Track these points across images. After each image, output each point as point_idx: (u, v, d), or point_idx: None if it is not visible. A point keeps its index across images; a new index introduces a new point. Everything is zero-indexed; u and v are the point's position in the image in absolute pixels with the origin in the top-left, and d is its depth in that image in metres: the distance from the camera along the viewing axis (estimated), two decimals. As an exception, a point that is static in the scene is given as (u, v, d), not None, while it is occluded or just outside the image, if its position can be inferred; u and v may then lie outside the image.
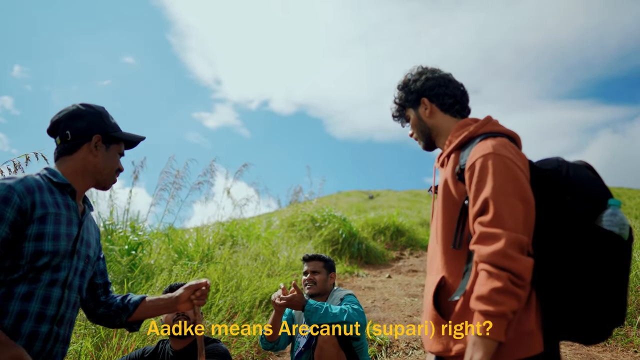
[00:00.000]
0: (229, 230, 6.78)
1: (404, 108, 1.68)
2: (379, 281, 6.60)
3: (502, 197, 1.27)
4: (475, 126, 1.48)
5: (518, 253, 1.21)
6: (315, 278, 2.98)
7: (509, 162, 1.31)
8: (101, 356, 3.04)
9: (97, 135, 1.59)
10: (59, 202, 1.50)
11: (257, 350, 3.87)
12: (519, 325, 1.25)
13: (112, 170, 1.64)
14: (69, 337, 1.55)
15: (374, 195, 21.84)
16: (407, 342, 3.93)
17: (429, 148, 1.66)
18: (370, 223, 9.34)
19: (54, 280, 1.44)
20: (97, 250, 1.69)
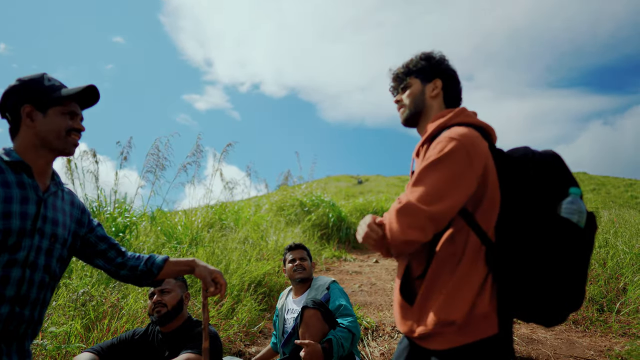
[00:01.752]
0: (218, 213, 6.79)
1: (410, 74, 1.68)
2: (366, 266, 6.69)
3: (430, 175, 1.37)
4: (447, 117, 1.53)
5: (406, 221, 1.34)
6: (304, 264, 3.18)
7: (457, 147, 1.37)
8: (91, 337, 3.06)
9: (26, 105, 1.53)
10: (10, 181, 1.47)
11: (245, 333, 3.93)
12: (473, 308, 1.32)
13: (61, 133, 1.56)
14: (39, 317, 1.53)
15: (363, 180, 21.93)
16: (393, 325, 4.01)
17: (409, 122, 1.68)
18: (358, 208, 9.42)
19: (12, 260, 1.42)
20: (71, 226, 1.66)
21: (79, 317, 3.19)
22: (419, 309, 1.42)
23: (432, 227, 1.35)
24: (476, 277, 1.35)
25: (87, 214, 1.75)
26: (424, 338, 1.41)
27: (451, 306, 1.33)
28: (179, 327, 2.49)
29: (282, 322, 3.12)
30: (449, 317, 1.32)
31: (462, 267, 1.36)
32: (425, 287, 1.42)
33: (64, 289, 3.47)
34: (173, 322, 2.48)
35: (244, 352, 3.67)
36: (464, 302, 1.32)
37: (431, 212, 1.33)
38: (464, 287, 1.34)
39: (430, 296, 1.40)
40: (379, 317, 4.26)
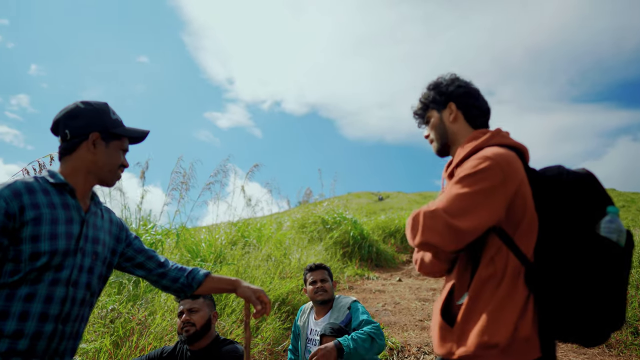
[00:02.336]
0: (241, 230, 6.84)
1: (427, 108, 1.71)
2: (390, 284, 6.62)
3: (462, 189, 1.37)
4: (483, 138, 1.53)
5: (429, 223, 1.36)
6: (325, 286, 3.14)
7: (492, 165, 1.37)
8: (119, 354, 3.11)
9: (95, 132, 1.58)
10: (55, 202, 1.51)
11: (270, 352, 3.92)
12: (516, 330, 1.30)
13: (114, 167, 1.63)
14: (78, 332, 1.57)
15: (384, 197, 21.82)
16: (419, 346, 3.95)
17: (442, 153, 1.69)
18: (380, 226, 9.36)
19: (56, 279, 1.46)
20: (111, 244, 1.71)
21: (108, 334, 3.24)
22: (460, 331, 1.40)
23: (452, 238, 1.34)
24: (518, 299, 1.33)
25: (124, 230, 1.80)
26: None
27: (493, 328, 1.31)
28: (207, 346, 2.50)
29: (304, 342, 3.11)
30: (492, 340, 1.30)
31: (503, 289, 1.35)
32: (466, 309, 1.41)
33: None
34: (201, 340, 2.50)
35: (269, 372, 3.66)
36: (506, 325, 1.30)
37: (453, 224, 1.33)
38: (506, 309, 1.33)
39: (471, 318, 1.38)
40: (404, 337, 4.21)
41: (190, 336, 2.46)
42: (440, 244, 1.35)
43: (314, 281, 3.16)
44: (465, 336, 1.38)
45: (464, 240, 1.36)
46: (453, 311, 1.48)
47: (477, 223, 1.35)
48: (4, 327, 1.37)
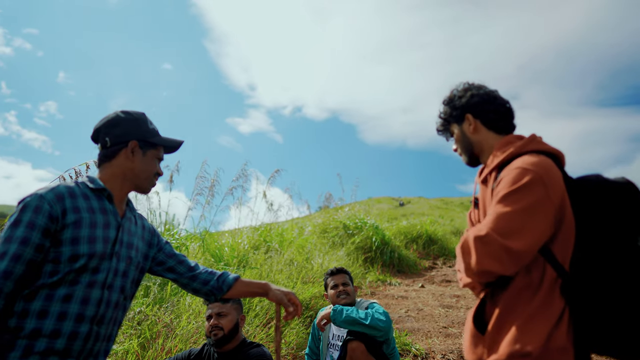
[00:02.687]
0: (263, 235, 6.89)
1: (448, 123, 1.72)
2: (412, 290, 6.56)
3: (509, 207, 1.34)
4: (518, 144, 1.51)
5: (484, 250, 1.32)
6: (347, 289, 3.14)
7: (534, 178, 1.34)
8: (146, 356, 3.16)
9: (134, 141, 1.66)
10: (94, 207, 1.58)
11: (294, 357, 3.93)
12: (549, 340, 1.28)
13: (150, 175, 1.70)
14: (112, 335, 1.61)
15: (405, 202, 21.68)
16: (443, 353, 3.91)
17: (472, 163, 1.69)
18: (402, 231, 9.31)
19: (93, 281, 1.51)
20: (144, 249, 1.76)
21: (135, 336, 3.30)
22: (491, 338, 1.39)
23: (510, 261, 1.31)
24: (553, 310, 1.31)
25: (156, 235, 1.85)
26: None
27: (526, 337, 1.30)
28: (235, 349, 2.53)
29: (325, 347, 3.11)
30: (524, 348, 1.29)
31: (538, 299, 1.33)
32: (498, 317, 1.39)
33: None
34: (229, 343, 2.53)
35: (293, 376, 3.67)
36: (539, 334, 1.29)
37: (508, 246, 1.29)
38: (540, 318, 1.31)
39: (503, 326, 1.37)
40: (428, 344, 4.17)
41: (218, 340, 2.49)
42: (499, 270, 1.32)
43: (335, 285, 3.16)
44: (497, 344, 1.37)
45: (522, 262, 1.33)
46: (485, 319, 1.47)
47: (532, 241, 1.31)
48: (43, 327, 1.42)
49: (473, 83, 1.70)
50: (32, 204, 1.47)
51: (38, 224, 1.45)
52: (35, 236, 1.44)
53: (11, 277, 1.40)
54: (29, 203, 1.48)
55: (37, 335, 1.41)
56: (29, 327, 1.41)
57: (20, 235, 1.43)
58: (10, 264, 1.40)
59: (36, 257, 1.45)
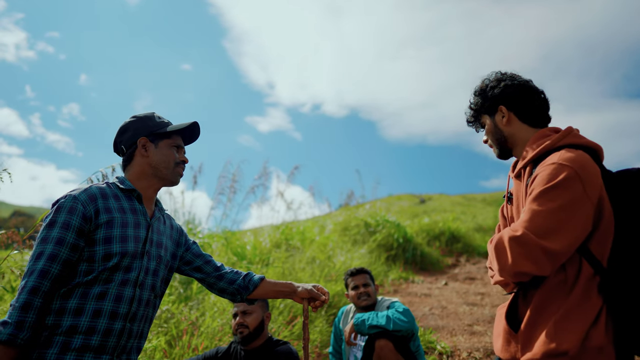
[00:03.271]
0: (284, 234, 6.91)
1: (479, 114, 1.67)
2: (435, 288, 6.50)
3: (545, 205, 1.29)
4: (554, 138, 1.45)
5: (519, 251, 1.28)
6: (369, 290, 3.11)
7: (571, 174, 1.29)
8: (173, 353, 3.21)
9: (142, 138, 1.70)
10: (125, 207, 1.62)
11: (318, 354, 3.93)
12: (586, 339, 1.24)
13: (170, 164, 1.71)
14: (144, 332, 1.65)
15: (426, 199, 21.49)
16: (469, 351, 3.87)
17: (503, 156, 1.64)
18: (424, 228, 9.22)
19: (125, 280, 1.55)
20: (172, 248, 1.79)
21: (162, 334, 3.35)
22: (525, 336, 1.37)
23: (547, 262, 1.27)
24: (590, 308, 1.28)
25: (184, 235, 1.88)
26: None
27: (562, 336, 1.26)
28: (261, 346, 2.55)
29: (348, 346, 3.10)
30: (560, 347, 1.26)
31: (574, 296, 1.30)
32: (532, 314, 1.37)
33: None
34: (255, 341, 2.55)
35: (317, 374, 3.68)
36: (576, 333, 1.25)
37: (545, 246, 1.26)
38: (576, 316, 1.27)
39: (538, 324, 1.34)
40: (453, 342, 4.12)
41: (244, 338, 2.51)
42: (536, 271, 1.28)
43: (356, 286, 3.14)
44: (531, 342, 1.34)
45: (559, 262, 1.30)
46: (518, 316, 1.44)
47: (569, 241, 1.28)
48: (79, 324, 1.46)
49: (506, 72, 1.64)
50: (66, 205, 1.52)
51: (72, 224, 1.50)
52: (70, 236, 1.49)
53: (48, 276, 1.44)
54: (63, 204, 1.53)
55: (74, 332, 1.45)
56: (65, 324, 1.45)
57: (55, 235, 1.48)
58: (47, 264, 1.44)
59: (71, 257, 1.50)
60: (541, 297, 1.36)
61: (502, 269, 1.34)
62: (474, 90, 1.67)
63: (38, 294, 1.42)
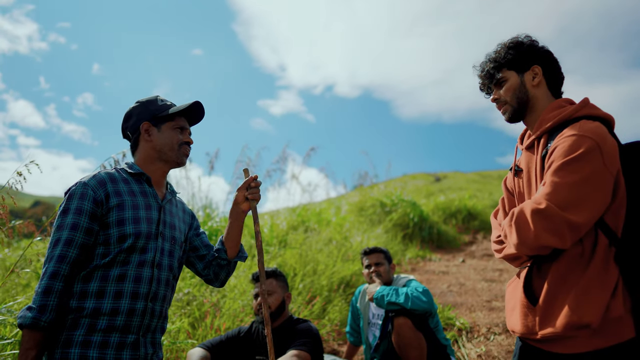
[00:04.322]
0: (301, 216, 6.96)
1: (502, 68, 1.56)
2: (453, 266, 6.51)
3: (567, 177, 1.28)
4: (571, 109, 1.43)
5: (543, 224, 1.27)
6: (380, 270, 3.13)
7: (592, 146, 1.28)
8: (196, 334, 3.29)
9: (144, 123, 1.72)
10: (135, 190, 1.66)
11: (338, 332, 3.99)
12: (607, 312, 1.24)
13: (174, 145, 1.72)
14: (165, 313, 1.69)
15: (441, 178, 21.36)
16: (488, 327, 3.88)
17: (514, 119, 1.57)
18: (440, 207, 9.20)
19: (142, 261, 1.59)
20: (185, 231, 1.81)
21: (185, 316, 3.43)
22: (544, 310, 1.36)
23: (570, 235, 1.27)
24: (609, 279, 1.27)
25: (196, 220, 1.90)
26: (549, 341, 1.35)
27: (584, 308, 1.26)
28: (281, 325, 2.60)
29: (366, 325, 3.14)
30: (582, 320, 1.25)
31: (593, 268, 1.29)
32: (550, 287, 1.36)
33: (170, 290, 3.74)
34: (276, 320, 2.60)
35: (338, 351, 3.74)
36: (598, 305, 1.25)
37: (570, 220, 1.25)
38: (597, 288, 1.27)
39: (557, 297, 1.34)
40: (472, 318, 4.15)
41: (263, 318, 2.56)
42: (558, 244, 1.28)
43: (368, 265, 3.18)
44: (551, 316, 1.34)
45: (580, 235, 1.29)
46: (534, 289, 1.43)
47: (592, 214, 1.27)
48: (102, 306, 1.51)
49: (531, 37, 1.57)
50: (77, 191, 1.57)
51: (85, 209, 1.54)
52: (83, 221, 1.54)
53: (66, 260, 1.49)
54: (74, 191, 1.58)
55: (98, 314, 1.50)
56: (89, 306, 1.50)
57: (70, 221, 1.53)
58: (64, 249, 1.50)
59: (87, 241, 1.54)
60: (559, 270, 1.35)
61: (522, 242, 1.33)
62: (506, 42, 1.57)
63: (58, 278, 1.47)
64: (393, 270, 3.22)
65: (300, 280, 4.38)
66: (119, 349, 1.51)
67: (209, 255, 1.85)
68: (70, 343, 1.47)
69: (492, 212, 1.71)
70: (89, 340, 1.48)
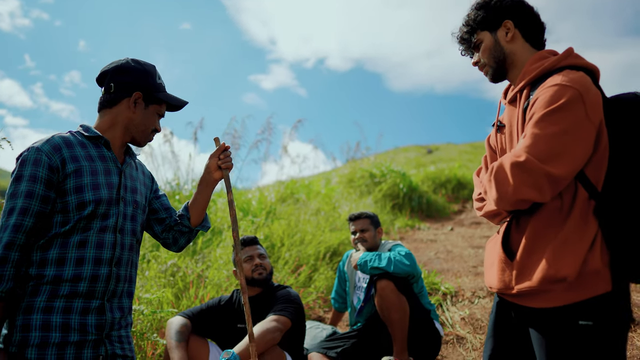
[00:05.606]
0: (290, 188, 6.93)
1: (475, 31, 1.53)
2: (441, 234, 6.55)
3: (548, 129, 1.24)
4: (554, 59, 1.38)
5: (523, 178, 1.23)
6: (365, 236, 3.11)
7: (574, 96, 1.24)
8: (180, 304, 3.29)
9: (138, 92, 1.62)
10: (93, 155, 1.58)
11: (324, 300, 4.01)
12: (584, 265, 1.22)
13: (148, 130, 1.67)
14: (132, 277, 1.65)
15: (433, 150, 21.37)
16: (473, 291, 3.91)
17: (497, 78, 1.53)
18: (430, 177, 9.20)
19: (104, 227, 1.54)
20: (146, 194, 1.75)
21: (169, 287, 3.43)
22: (521, 264, 1.33)
23: (550, 188, 1.23)
24: (587, 232, 1.24)
25: (155, 182, 1.85)
26: (525, 295, 1.33)
27: (561, 262, 1.24)
28: (262, 292, 2.60)
29: (352, 289, 3.15)
30: (559, 274, 1.23)
31: (571, 222, 1.26)
32: (528, 242, 1.33)
33: (154, 262, 3.73)
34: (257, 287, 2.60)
35: (324, 318, 3.77)
36: (575, 258, 1.23)
37: (550, 172, 1.21)
38: (574, 242, 1.24)
39: (534, 251, 1.31)
40: (458, 283, 4.17)
41: (263, 279, 2.58)
42: (537, 198, 1.24)
43: (354, 231, 3.17)
44: (527, 270, 1.31)
45: (560, 188, 1.26)
46: (512, 245, 1.40)
47: (573, 166, 1.23)
48: (63, 273, 1.47)
49: None
50: (30, 157, 1.48)
51: (40, 176, 1.47)
52: (39, 188, 1.46)
53: (22, 230, 1.43)
54: (27, 157, 1.49)
55: (59, 281, 1.46)
56: (50, 274, 1.46)
57: (24, 189, 1.45)
58: (19, 218, 1.43)
59: (44, 209, 1.48)
60: (537, 224, 1.32)
61: (501, 197, 1.29)
62: (474, 4, 1.54)
63: (14, 248, 1.42)
64: (380, 235, 3.19)
65: (286, 250, 4.38)
66: (84, 313, 1.48)
67: (169, 219, 1.80)
68: (32, 309, 1.44)
69: (475, 171, 1.67)
70: (51, 306, 1.45)
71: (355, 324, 3.06)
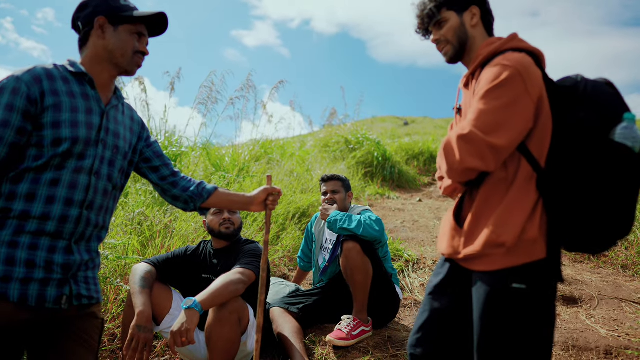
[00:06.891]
0: (264, 147, 6.89)
1: (441, 8, 1.58)
2: (410, 204, 6.68)
3: (490, 104, 1.34)
4: (499, 42, 1.49)
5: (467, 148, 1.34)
6: (335, 197, 3.16)
7: (513, 73, 1.34)
8: (146, 253, 3.28)
9: (100, 17, 1.56)
10: (75, 91, 1.52)
11: (290, 259, 4.08)
12: (522, 233, 1.33)
13: (128, 51, 1.60)
14: (105, 223, 1.62)
15: (409, 122, 21.51)
16: (434, 259, 4.05)
17: (455, 59, 1.61)
18: (404, 148, 9.30)
19: (79, 167, 1.49)
20: (131, 140, 1.72)
21: (136, 234, 3.41)
22: (468, 231, 1.44)
23: (493, 157, 1.34)
24: (527, 203, 1.35)
25: (146, 130, 1.80)
26: (470, 259, 1.43)
27: (502, 229, 1.34)
28: (229, 245, 2.62)
29: (318, 249, 3.21)
30: (499, 239, 1.34)
31: (513, 193, 1.37)
32: (476, 210, 1.44)
33: (121, 209, 3.69)
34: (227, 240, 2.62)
35: (288, 276, 3.84)
36: (514, 226, 1.33)
37: (491, 142, 1.32)
38: (515, 211, 1.35)
39: (480, 219, 1.42)
40: (421, 251, 4.31)
41: (230, 233, 2.59)
42: (481, 166, 1.35)
43: (325, 192, 3.21)
44: (473, 236, 1.42)
45: (503, 157, 1.37)
46: (463, 215, 1.51)
47: (513, 137, 1.34)
48: (32, 209, 1.43)
49: None
50: (9, 85, 1.42)
51: (17, 106, 1.41)
52: (15, 118, 1.40)
53: None
54: (5, 85, 1.42)
55: (27, 217, 1.43)
56: (17, 208, 1.42)
57: (0, 118, 1.40)
58: None
59: (18, 140, 1.42)
60: (484, 193, 1.43)
61: (450, 167, 1.41)
62: None
63: None
64: (350, 199, 3.25)
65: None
66: (51, 252, 1.46)
67: (164, 167, 1.82)
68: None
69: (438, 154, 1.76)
70: (17, 242, 1.42)
71: (319, 283, 3.14)
